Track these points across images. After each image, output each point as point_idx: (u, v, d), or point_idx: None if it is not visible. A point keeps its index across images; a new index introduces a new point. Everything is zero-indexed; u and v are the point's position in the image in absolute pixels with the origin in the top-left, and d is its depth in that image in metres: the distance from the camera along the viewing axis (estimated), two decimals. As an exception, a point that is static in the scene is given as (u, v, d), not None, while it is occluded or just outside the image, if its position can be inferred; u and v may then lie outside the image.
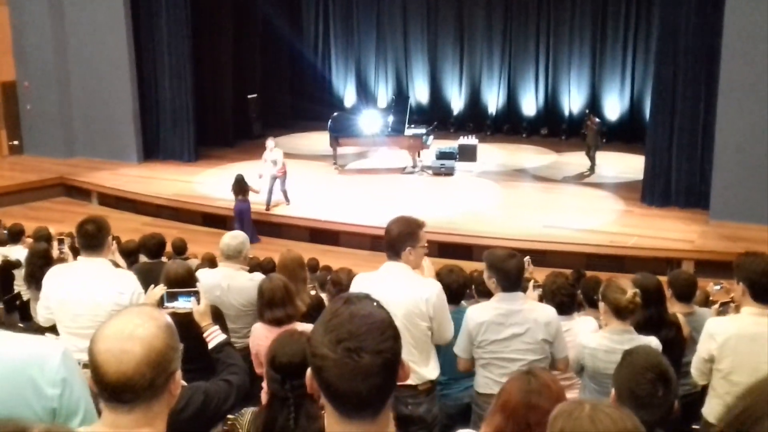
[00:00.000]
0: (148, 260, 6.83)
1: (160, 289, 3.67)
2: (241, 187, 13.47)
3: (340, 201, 14.73)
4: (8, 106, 18.53)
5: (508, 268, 4.08)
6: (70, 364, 2.04)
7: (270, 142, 14.59)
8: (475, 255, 12.02)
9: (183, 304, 3.51)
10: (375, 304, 1.55)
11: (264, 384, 3.09)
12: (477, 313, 4.18)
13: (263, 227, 13.89)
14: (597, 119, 16.60)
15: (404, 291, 3.88)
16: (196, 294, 3.52)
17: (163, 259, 7.09)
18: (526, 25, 19.81)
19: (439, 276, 4.79)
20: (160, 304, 3.56)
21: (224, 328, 4.51)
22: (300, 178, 16.22)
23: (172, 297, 3.56)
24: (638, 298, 3.86)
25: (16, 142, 18.77)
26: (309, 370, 1.50)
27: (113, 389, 1.70)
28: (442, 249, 12.16)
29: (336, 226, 13.78)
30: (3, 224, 10.52)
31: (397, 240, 3.92)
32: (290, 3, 21.91)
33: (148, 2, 17.52)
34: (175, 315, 3.13)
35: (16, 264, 6.62)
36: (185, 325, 2.96)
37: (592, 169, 16.24)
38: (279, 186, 14.50)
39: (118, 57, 17.38)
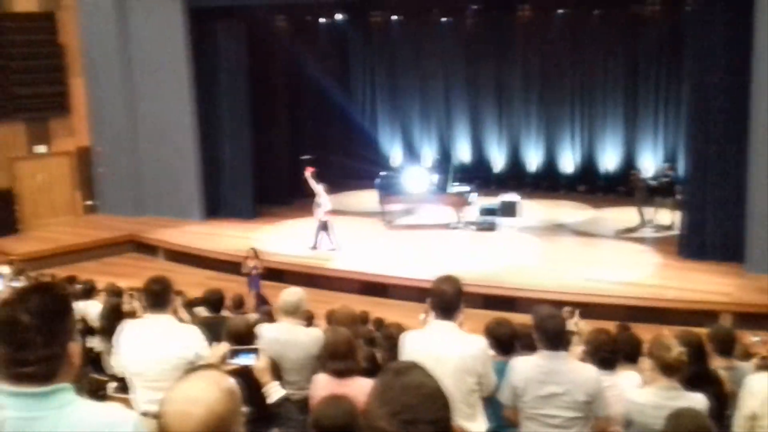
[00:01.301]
0: (209, 314, 6.89)
1: (224, 347, 3.70)
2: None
3: (389, 255, 14.73)
4: (83, 170, 19.09)
5: (546, 328, 4.01)
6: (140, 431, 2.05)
7: (321, 187, 14.88)
8: (519, 307, 11.88)
9: (245, 361, 3.54)
10: (424, 372, 1.55)
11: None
12: (521, 366, 4.13)
13: (317, 280, 13.93)
14: (642, 176, 16.33)
15: (453, 348, 3.85)
16: (257, 351, 3.54)
17: (224, 312, 7.16)
18: (561, 88, 19.80)
19: (488, 328, 4.75)
20: (224, 360, 3.59)
21: (281, 381, 4.53)
22: (351, 233, 16.33)
23: (235, 354, 3.58)
24: (684, 356, 3.77)
25: (90, 202, 19.28)
26: None
27: None
28: (487, 301, 12.06)
29: (385, 279, 13.77)
30: (78, 279, 10.75)
31: (453, 301, 3.89)
32: (340, 70, 22.26)
33: (210, 71, 18.01)
34: (237, 370, 3.16)
35: (92, 327, 6.73)
36: (247, 380, 2.98)
37: (642, 223, 15.91)
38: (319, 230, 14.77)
39: (182, 122, 17.85)
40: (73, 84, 18.71)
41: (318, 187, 14.86)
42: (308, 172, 15.06)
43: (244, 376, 3.11)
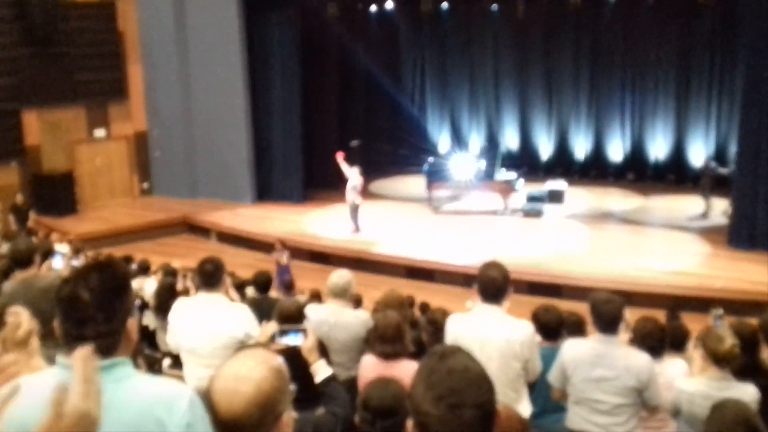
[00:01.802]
0: (257, 294, 6.96)
1: (273, 326, 3.73)
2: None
3: (435, 240, 14.71)
4: (140, 153, 19.46)
5: (602, 312, 4.00)
6: (196, 409, 2.05)
7: (355, 170, 14.92)
8: (564, 295, 11.79)
9: (292, 340, 3.56)
10: (468, 356, 1.54)
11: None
12: (573, 348, 4.13)
13: (363, 265, 13.96)
14: (713, 166, 15.80)
15: (499, 333, 3.83)
16: (304, 331, 3.56)
17: (271, 293, 7.24)
18: (611, 75, 19.45)
19: (536, 315, 4.72)
20: (272, 339, 3.62)
21: (329, 361, 4.57)
22: (398, 218, 16.36)
23: (283, 333, 3.61)
24: (737, 349, 3.69)
25: (146, 185, 19.65)
26: (410, 424, 1.49)
27: (224, 427, 1.73)
28: (532, 288, 11.96)
29: (431, 264, 13.74)
30: (133, 259, 10.98)
31: (500, 286, 3.87)
32: (390, 57, 22.21)
33: (263, 59, 18.16)
34: (285, 350, 3.19)
35: (147, 304, 6.87)
36: (294, 359, 3.00)
37: (706, 213, 15.55)
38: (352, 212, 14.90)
39: (235, 108, 18.04)
40: (130, 70, 19.05)
41: (351, 171, 14.85)
42: (339, 157, 15.08)
43: (292, 355, 3.13)
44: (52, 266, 7.12)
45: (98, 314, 1.97)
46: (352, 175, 14.85)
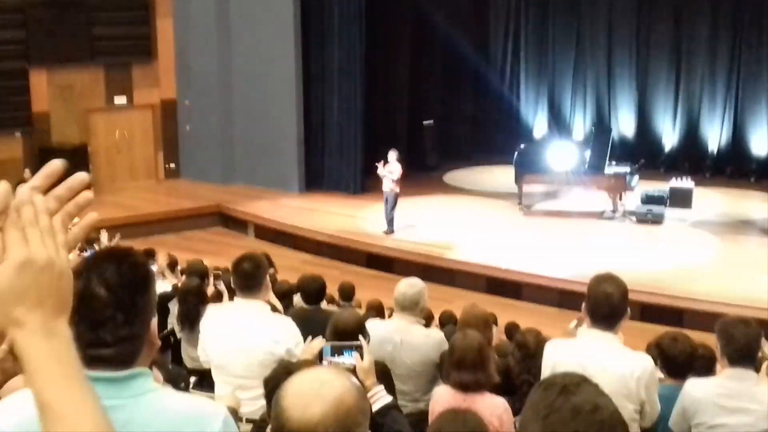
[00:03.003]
0: (305, 305, 6.94)
1: (319, 342, 3.72)
2: None
3: (524, 247, 14.59)
4: (167, 127, 19.80)
5: (736, 336, 3.93)
6: (230, 430, 2.08)
7: (392, 154, 14.92)
8: (687, 321, 11.55)
9: (345, 360, 3.54)
10: (598, 391, 1.49)
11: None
12: (696, 388, 4.08)
13: (434, 274, 13.90)
14: None
15: (612, 366, 3.75)
16: (360, 348, 3.55)
17: (323, 304, 7.23)
18: (760, 46, 18.94)
19: (661, 345, 4.62)
20: (319, 358, 3.61)
21: (391, 389, 4.55)
22: (479, 218, 16.26)
23: (333, 351, 3.60)
24: None
25: (172, 165, 19.99)
26: None
27: None
28: (646, 312, 11.76)
29: (519, 276, 13.65)
30: (155, 253, 11.15)
31: (619, 307, 3.80)
32: (476, 21, 22.13)
33: (320, 21, 18.27)
34: None
35: (171, 295, 6.95)
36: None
37: None
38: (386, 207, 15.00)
39: (285, 78, 18.20)
40: (160, 26, 19.41)
41: (388, 166, 14.85)
42: (380, 167, 15.02)
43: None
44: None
45: (117, 315, 2.00)
46: (390, 164, 14.83)
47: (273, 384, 3.29)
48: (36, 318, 1.15)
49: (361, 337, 3.76)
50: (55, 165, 1.26)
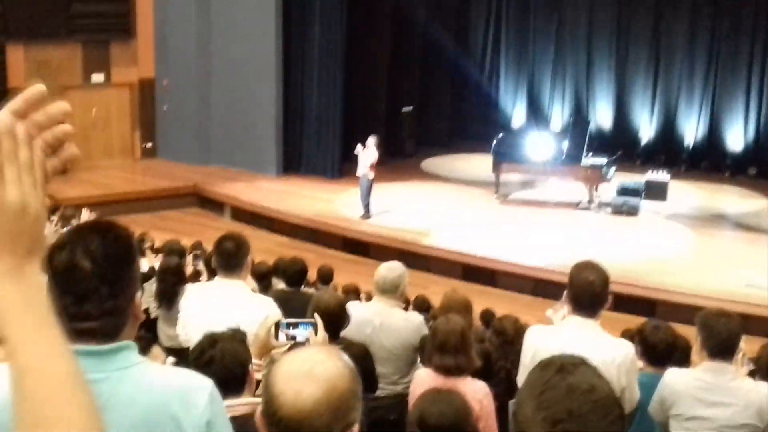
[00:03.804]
0: (286, 287, 6.92)
1: (272, 319, 3.72)
2: None
3: (500, 235, 14.63)
4: (144, 106, 19.63)
5: (717, 329, 3.94)
6: (217, 406, 2.05)
7: (371, 140, 14.95)
8: (659, 312, 11.61)
9: (299, 333, 3.56)
10: (595, 372, 1.47)
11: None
12: (675, 379, 4.10)
13: (411, 259, 13.89)
14: None
15: (594, 353, 3.73)
16: (314, 325, 3.55)
17: (302, 287, 7.20)
18: (738, 41, 19.09)
19: (643, 333, 4.64)
20: (275, 333, 3.62)
21: (372, 370, 4.54)
22: (456, 205, 16.28)
23: (289, 326, 3.60)
24: None
25: (149, 145, 19.84)
26: None
27: (285, 427, 1.70)
28: (619, 302, 11.73)
29: (494, 264, 13.68)
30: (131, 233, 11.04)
31: (601, 295, 3.82)
32: (457, 9, 22.11)
33: (302, 4, 18.18)
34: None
35: (148, 275, 6.90)
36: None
37: None
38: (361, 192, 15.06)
39: (264, 60, 18.08)
40: (139, 3, 19.21)
41: (366, 150, 14.85)
42: (359, 150, 14.99)
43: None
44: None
45: (102, 287, 1.98)
46: (368, 149, 14.83)
47: (197, 353, 3.28)
48: (5, 262, 1.10)
49: (316, 315, 3.77)
50: (37, 89, 1.19)
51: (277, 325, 3.57)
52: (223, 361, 3.12)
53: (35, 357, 1.09)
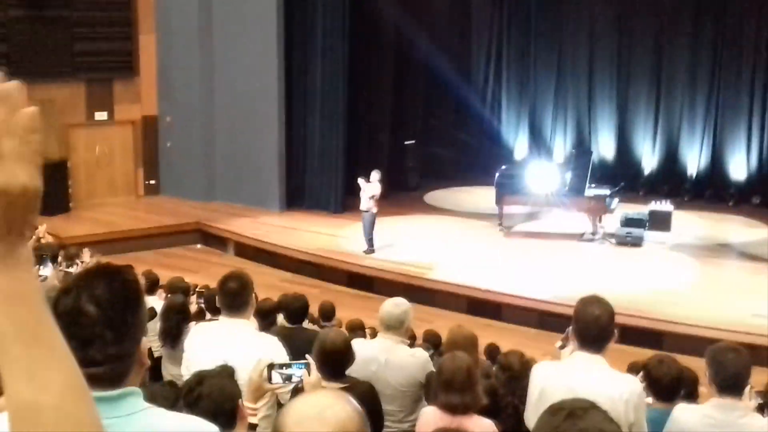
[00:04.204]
0: (287, 324, 6.90)
1: (264, 361, 3.72)
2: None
3: (504, 268, 14.60)
4: (148, 143, 19.72)
5: (726, 365, 3.91)
6: None
7: (375, 174, 14.96)
8: (666, 344, 11.55)
9: (293, 373, 3.56)
10: (604, 416, 1.47)
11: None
12: (684, 415, 4.06)
13: (415, 293, 13.87)
14: None
15: (600, 389, 3.72)
16: (308, 365, 3.55)
17: (305, 324, 7.19)
18: (739, 70, 19.15)
19: (648, 368, 4.60)
20: (268, 374, 3.63)
21: (378, 409, 4.51)
22: (460, 238, 16.26)
23: (282, 366, 3.61)
24: None
25: (152, 182, 19.89)
26: None
27: None
28: (625, 334, 11.69)
29: (499, 297, 13.63)
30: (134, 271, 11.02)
31: (607, 329, 3.79)
32: (458, 43, 22.26)
33: (303, 38, 18.30)
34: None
35: (152, 315, 6.90)
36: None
37: None
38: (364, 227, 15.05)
39: (267, 95, 18.17)
40: (142, 41, 19.36)
41: (369, 184, 14.89)
42: (361, 183, 15.05)
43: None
44: (40, 273, 7.18)
45: (107, 333, 1.97)
46: (372, 184, 14.86)
47: (186, 391, 3.27)
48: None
49: (308, 356, 3.76)
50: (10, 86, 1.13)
51: (270, 367, 3.57)
52: (211, 396, 3.13)
53: (19, 345, 1.04)
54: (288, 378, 3.50)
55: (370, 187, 14.92)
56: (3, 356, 1.03)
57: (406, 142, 20.40)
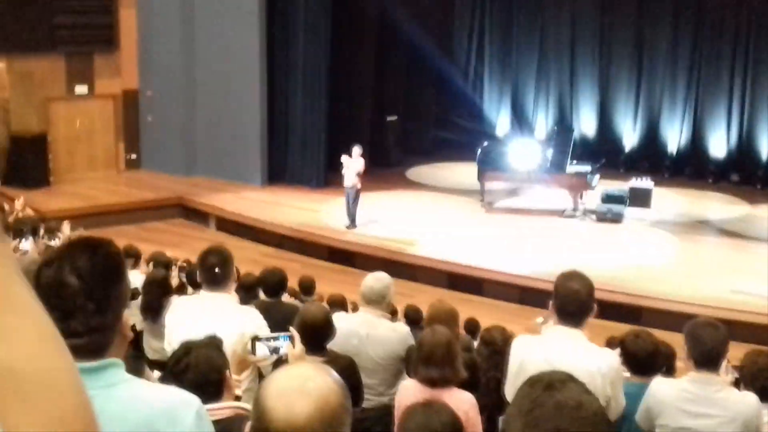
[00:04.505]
0: (266, 298, 6.93)
1: (248, 334, 3.76)
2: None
3: (486, 244, 14.65)
4: (128, 117, 19.58)
5: (704, 339, 3.94)
6: (204, 423, 2.06)
7: (357, 149, 14.97)
8: (645, 319, 11.66)
9: (278, 345, 3.59)
10: (583, 388, 1.49)
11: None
12: (660, 389, 4.11)
13: (396, 268, 13.90)
14: None
15: (579, 362, 3.76)
16: (292, 338, 3.58)
17: (285, 297, 7.21)
18: (720, 48, 19.22)
19: (624, 342, 4.66)
20: (252, 347, 3.66)
21: (358, 383, 4.55)
22: (441, 214, 16.30)
23: (266, 340, 3.64)
24: None
25: (133, 156, 19.78)
26: None
27: None
28: (604, 309, 11.75)
29: (480, 272, 13.70)
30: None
31: (587, 304, 3.82)
32: (440, 19, 22.19)
33: (286, 14, 18.19)
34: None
35: (134, 294, 6.89)
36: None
37: None
38: (348, 203, 15.13)
39: (249, 69, 18.07)
40: (123, 15, 19.17)
41: (352, 160, 14.89)
42: (344, 159, 15.04)
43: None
44: (20, 248, 7.16)
45: (89, 304, 1.98)
46: (355, 159, 14.84)
47: (173, 362, 3.29)
48: None
49: (291, 327, 3.79)
50: None
51: (254, 340, 3.60)
52: (198, 367, 3.14)
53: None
54: (273, 350, 3.53)
55: (354, 162, 14.91)
56: None
57: (388, 118, 20.37)
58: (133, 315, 6.79)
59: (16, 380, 0.99)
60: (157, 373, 5.41)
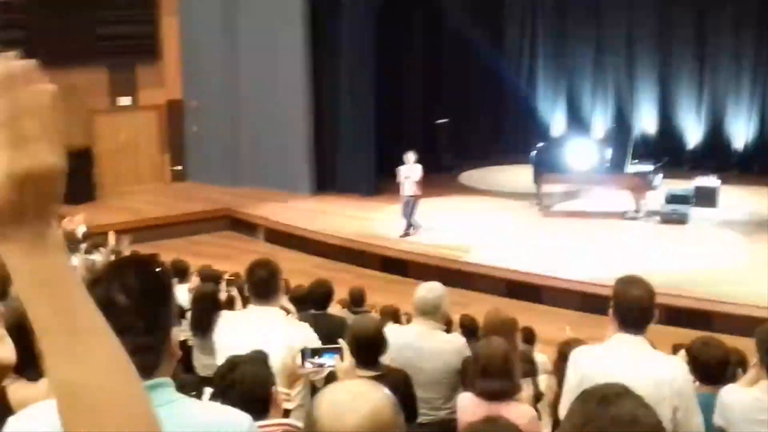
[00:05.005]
0: (314, 311, 7.00)
1: (300, 346, 3.79)
2: None
3: (543, 249, 14.57)
4: (173, 128, 19.83)
5: None
6: None
7: (411, 156, 14.98)
8: (715, 325, 11.49)
9: (325, 361, 3.62)
10: (639, 401, 1.48)
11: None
12: (732, 397, 4.05)
13: (451, 277, 13.88)
14: None
15: (644, 372, 3.72)
16: (340, 350, 3.60)
17: (336, 309, 7.26)
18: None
19: (692, 350, 4.59)
20: (301, 361, 3.69)
21: (413, 397, 4.56)
22: (496, 219, 16.23)
23: (314, 354, 3.67)
24: None
25: (179, 168, 20.02)
26: None
27: None
28: (671, 315, 11.67)
29: (538, 279, 13.62)
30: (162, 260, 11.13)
31: (649, 310, 3.78)
32: (491, 16, 22.14)
33: (331, 18, 18.28)
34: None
35: (182, 311, 6.98)
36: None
37: None
38: (409, 211, 15.13)
39: (293, 75, 18.19)
40: (165, 24, 19.45)
41: (407, 167, 14.93)
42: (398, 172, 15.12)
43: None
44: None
45: (138, 323, 2.00)
46: (413, 166, 14.84)
47: (219, 378, 3.34)
48: (25, 232, 1.03)
49: (341, 340, 3.81)
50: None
51: (303, 353, 3.63)
52: (244, 383, 3.18)
53: (55, 331, 1.03)
54: (320, 364, 3.56)
55: (413, 170, 14.92)
56: (43, 341, 1.05)
57: (438, 121, 20.35)
58: (182, 331, 6.90)
59: (90, 398, 1.04)
60: (209, 390, 5.50)
